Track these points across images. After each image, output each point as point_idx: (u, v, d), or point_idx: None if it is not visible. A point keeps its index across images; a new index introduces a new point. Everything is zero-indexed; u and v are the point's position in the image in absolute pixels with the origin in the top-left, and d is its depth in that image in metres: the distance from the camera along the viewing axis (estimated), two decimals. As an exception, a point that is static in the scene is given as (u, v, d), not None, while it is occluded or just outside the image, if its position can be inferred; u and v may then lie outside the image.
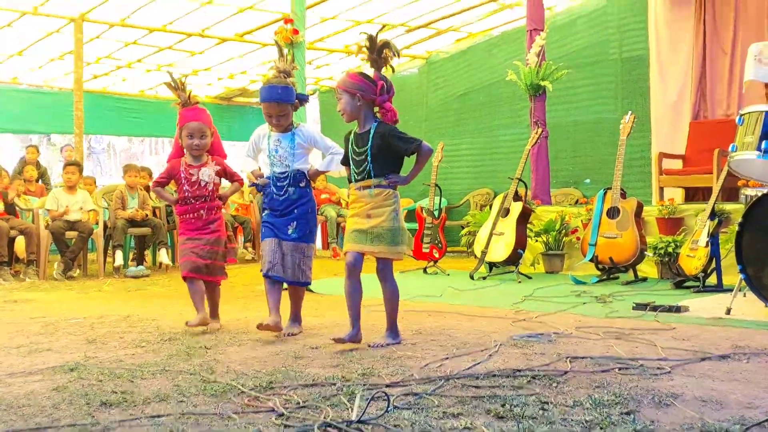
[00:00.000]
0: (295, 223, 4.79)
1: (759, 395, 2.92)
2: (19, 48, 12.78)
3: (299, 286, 4.89)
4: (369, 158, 4.28)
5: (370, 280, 4.36)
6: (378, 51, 4.35)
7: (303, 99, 4.96)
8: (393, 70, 4.47)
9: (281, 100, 4.74)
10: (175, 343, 4.42)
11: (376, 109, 4.36)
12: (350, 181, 4.42)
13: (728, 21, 9.67)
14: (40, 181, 11.74)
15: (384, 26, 4.09)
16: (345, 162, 4.46)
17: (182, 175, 5.05)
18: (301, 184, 4.82)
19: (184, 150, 5.09)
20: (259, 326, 4.52)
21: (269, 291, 4.78)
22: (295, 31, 7.25)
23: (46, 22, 11.49)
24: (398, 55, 4.47)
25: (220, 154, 5.28)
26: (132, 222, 9.59)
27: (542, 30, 9.14)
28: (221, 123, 16.27)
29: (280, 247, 4.78)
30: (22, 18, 11.16)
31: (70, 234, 9.20)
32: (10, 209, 9.50)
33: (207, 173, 5.07)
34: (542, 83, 8.96)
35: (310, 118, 8.20)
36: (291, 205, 4.80)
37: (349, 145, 4.37)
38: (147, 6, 10.84)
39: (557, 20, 11.33)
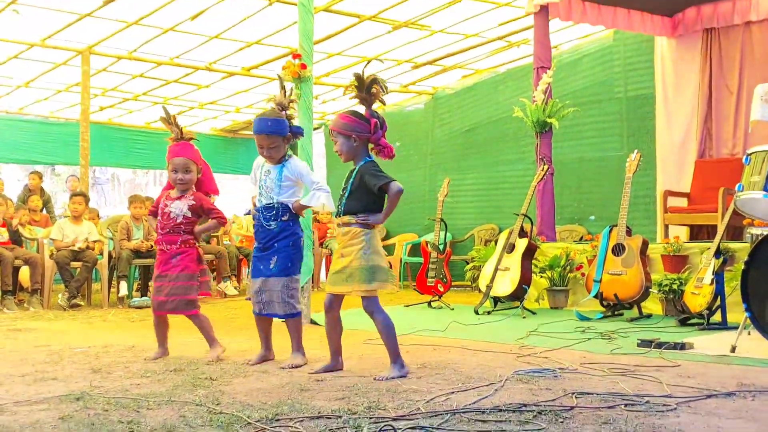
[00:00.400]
0: (276, 257, 4.82)
1: (766, 433, 2.92)
2: (26, 79, 12.87)
3: (289, 318, 4.89)
4: (346, 195, 4.40)
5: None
6: (367, 89, 4.42)
7: (297, 132, 4.95)
8: (384, 104, 4.53)
9: (271, 133, 4.79)
10: (181, 373, 4.42)
11: (371, 145, 4.43)
12: None
13: (734, 61, 9.75)
14: (44, 210, 11.78)
15: (370, 61, 4.10)
16: None
17: (161, 206, 5.19)
18: (283, 218, 4.83)
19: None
20: (248, 363, 4.76)
21: (258, 327, 4.99)
22: (303, 66, 7.30)
23: (54, 54, 11.59)
24: (386, 91, 4.53)
25: (210, 189, 5.35)
26: (137, 253, 9.60)
27: (549, 68, 9.20)
28: (227, 156, 16.44)
29: (265, 284, 4.82)
30: (30, 50, 11.25)
31: (75, 264, 9.22)
32: (15, 239, 9.52)
33: (178, 207, 5.14)
34: (549, 120, 9.00)
35: (316, 152, 8.23)
36: (272, 239, 4.83)
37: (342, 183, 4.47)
38: (155, 39, 10.93)
39: (563, 58, 11.40)
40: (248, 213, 5.23)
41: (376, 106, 4.49)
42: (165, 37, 10.84)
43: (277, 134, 4.80)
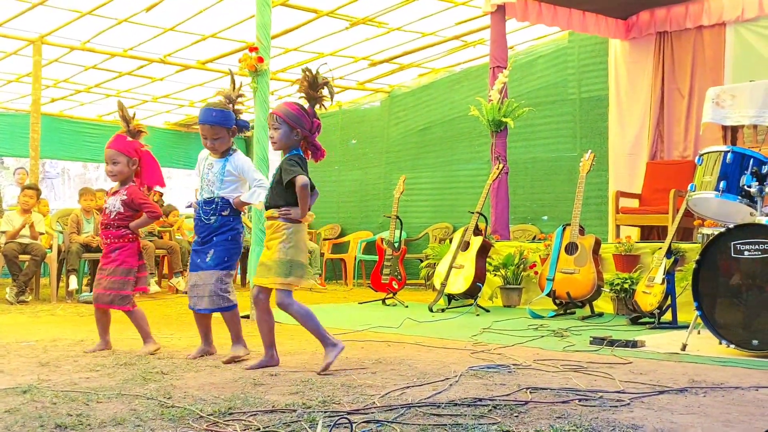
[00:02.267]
0: (212, 250, 4.77)
1: (718, 429, 2.95)
2: (-25, 68, 12.63)
3: (224, 312, 4.83)
4: (269, 189, 4.43)
5: (336, 309, 4.36)
6: (318, 88, 4.40)
7: (243, 126, 4.89)
8: (325, 108, 4.51)
9: (215, 123, 4.73)
10: (131, 367, 4.35)
11: (303, 143, 4.41)
12: None
13: (686, 64, 9.91)
14: (-6, 203, 11.56)
15: (326, 63, 4.10)
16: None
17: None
18: (224, 213, 4.77)
19: None
20: (188, 357, 4.73)
21: (197, 322, 4.94)
22: (260, 59, 7.24)
23: (5, 43, 11.36)
24: (332, 98, 4.51)
25: (150, 182, 5.31)
26: (86, 247, 9.44)
27: (505, 67, 9.26)
28: (180, 150, 16.26)
29: (200, 278, 4.78)
30: (-20, 38, 11.04)
31: (24, 257, 9.05)
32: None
33: (111, 202, 5.17)
34: (504, 120, 9.05)
35: (270, 148, 8.16)
36: (211, 233, 4.77)
37: None
38: (109, 30, 10.77)
39: (519, 59, 11.47)
40: (189, 206, 5.16)
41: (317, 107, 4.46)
42: (119, 28, 10.68)
43: (220, 125, 4.74)
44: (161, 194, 12.55)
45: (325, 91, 4.43)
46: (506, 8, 9.29)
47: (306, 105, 4.42)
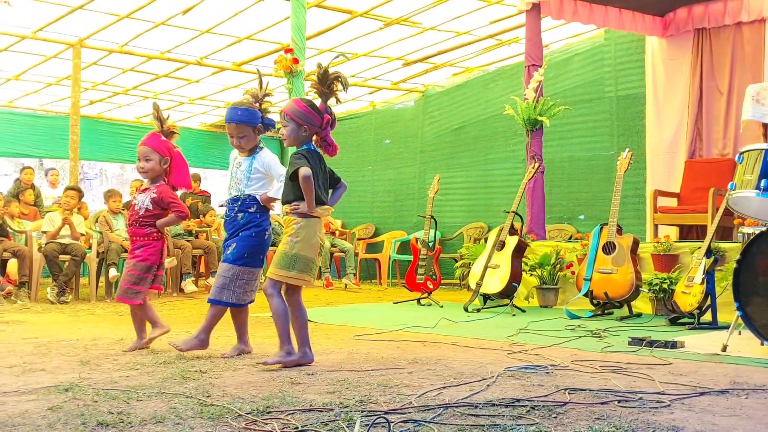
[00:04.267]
0: (234, 244, 4.82)
1: (761, 431, 2.91)
2: (16, 72, 12.79)
3: (228, 307, 4.90)
4: (284, 185, 4.48)
5: (371, 309, 4.37)
6: (328, 83, 4.41)
7: (269, 124, 4.93)
8: (339, 102, 4.52)
9: (240, 122, 4.78)
10: (170, 366, 4.39)
11: (315, 138, 4.45)
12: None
13: (725, 61, 9.78)
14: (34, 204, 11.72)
15: (341, 54, 4.07)
16: None
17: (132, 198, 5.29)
18: (250, 210, 4.83)
19: None
20: (224, 355, 4.77)
21: (233, 320, 4.99)
22: (295, 61, 7.28)
23: (45, 47, 11.51)
24: (346, 89, 4.52)
25: (178, 183, 5.34)
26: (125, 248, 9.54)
27: (540, 65, 9.20)
28: (216, 151, 16.36)
29: (220, 269, 4.88)
30: (21, 42, 11.17)
31: (63, 257, 9.16)
32: (2, 231, 9.45)
33: (141, 199, 5.22)
34: (540, 118, 8.99)
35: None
36: (238, 229, 4.84)
37: None
38: (146, 33, 10.88)
39: (554, 57, 11.41)
40: (222, 205, 5.22)
41: (332, 102, 4.49)
42: (156, 30, 10.79)
43: (246, 124, 4.78)
44: (209, 194, 12.69)
45: (338, 86, 4.46)
46: (541, 6, 9.23)
47: (318, 101, 4.46)
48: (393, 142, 14.41)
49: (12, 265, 9.35)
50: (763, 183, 4.90)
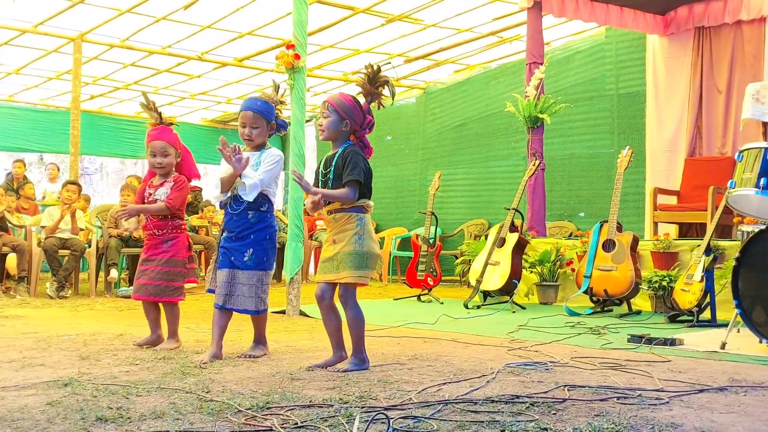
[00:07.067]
0: (251, 249, 4.65)
1: (759, 428, 2.91)
2: (16, 66, 12.79)
3: (259, 314, 4.76)
4: (330, 180, 4.24)
5: (372, 305, 4.36)
6: (377, 85, 4.32)
7: (282, 125, 4.87)
8: (382, 107, 4.39)
9: (258, 112, 4.67)
10: (170, 361, 4.39)
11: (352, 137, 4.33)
12: None
13: (725, 60, 9.78)
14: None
15: (390, 62, 4.05)
16: (315, 185, 4.37)
17: (146, 195, 5.12)
18: (262, 208, 4.70)
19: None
20: (200, 363, 4.38)
21: (217, 322, 4.69)
22: (297, 56, 7.27)
23: (46, 41, 11.51)
24: (392, 97, 4.42)
25: (191, 174, 5.27)
26: (125, 242, 9.54)
27: (542, 63, 9.20)
28: (216, 146, 16.32)
29: (236, 277, 4.65)
30: (22, 36, 11.17)
31: (63, 252, 9.16)
32: (2, 225, 9.45)
33: (162, 192, 5.06)
34: (540, 116, 8.99)
35: (307, 146, 8.19)
36: (248, 228, 4.67)
37: (320, 168, 4.34)
38: (147, 28, 10.87)
39: (555, 55, 11.41)
40: (225, 202, 5.05)
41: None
42: (157, 25, 10.78)
43: (263, 115, 4.69)
44: (200, 189, 12.67)
45: (385, 91, 4.34)
46: (543, 4, 9.23)
47: (362, 100, 4.34)
48: (394, 139, 14.42)
49: (11, 260, 9.35)
50: (762, 181, 4.90)
